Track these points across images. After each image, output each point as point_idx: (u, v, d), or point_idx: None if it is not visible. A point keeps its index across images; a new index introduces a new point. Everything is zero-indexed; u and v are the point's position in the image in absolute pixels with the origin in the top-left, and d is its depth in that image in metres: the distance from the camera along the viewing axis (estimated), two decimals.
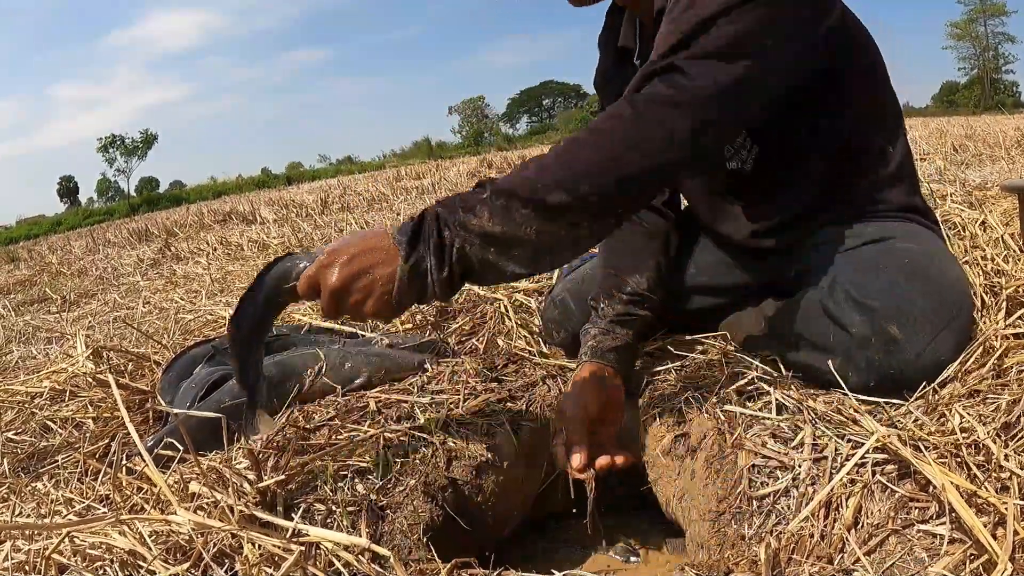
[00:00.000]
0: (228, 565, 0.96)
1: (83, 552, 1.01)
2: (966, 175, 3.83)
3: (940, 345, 1.15)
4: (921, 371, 1.14)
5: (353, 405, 1.53)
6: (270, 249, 4.63)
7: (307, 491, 1.23)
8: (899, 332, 1.14)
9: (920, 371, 1.14)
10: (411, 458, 1.36)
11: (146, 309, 3.33)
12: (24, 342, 3.20)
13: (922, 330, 1.14)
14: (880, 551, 0.94)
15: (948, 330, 1.15)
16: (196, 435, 1.39)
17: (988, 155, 5.09)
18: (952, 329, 1.16)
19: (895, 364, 1.14)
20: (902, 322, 1.14)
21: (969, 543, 0.87)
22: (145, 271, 4.98)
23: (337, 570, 0.96)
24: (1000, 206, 2.03)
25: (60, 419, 1.77)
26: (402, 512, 1.25)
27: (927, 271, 1.19)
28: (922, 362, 1.14)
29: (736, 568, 1.01)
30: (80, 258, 7.41)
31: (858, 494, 1.01)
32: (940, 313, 1.15)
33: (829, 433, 1.13)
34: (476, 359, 1.72)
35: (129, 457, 1.46)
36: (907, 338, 1.14)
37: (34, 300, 4.70)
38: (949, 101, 52.03)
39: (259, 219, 7.44)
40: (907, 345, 1.14)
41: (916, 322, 1.14)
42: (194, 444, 1.09)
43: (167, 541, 1.02)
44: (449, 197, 1.08)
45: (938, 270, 1.21)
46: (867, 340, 1.16)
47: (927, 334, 1.14)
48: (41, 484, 1.41)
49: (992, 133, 6.71)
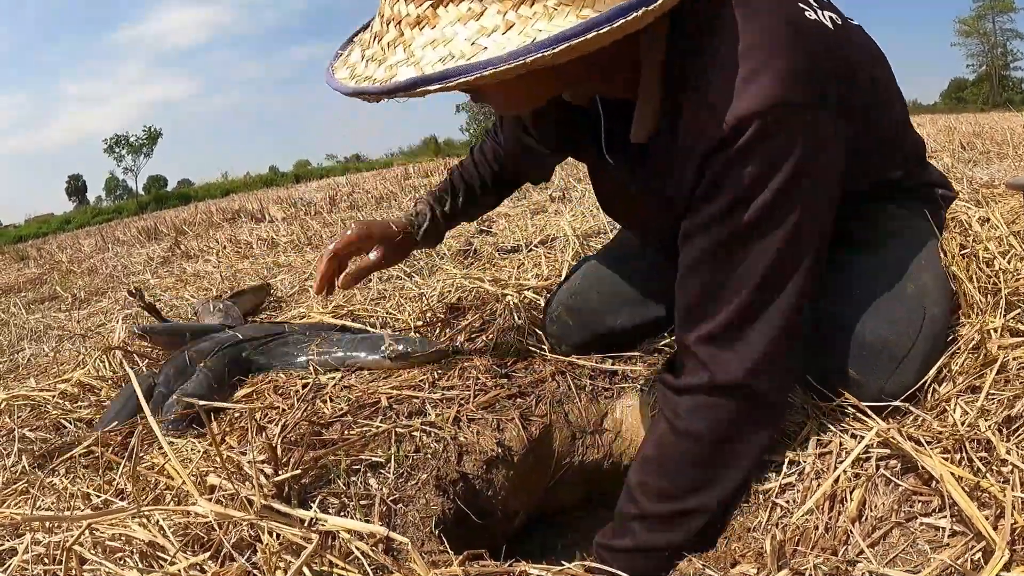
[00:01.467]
0: (247, 556, 0.98)
1: (103, 544, 1.04)
2: (973, 173, 3.83)
3: (901, 376, 1.14)
4: (892, 396, 1.14)
5: (365, 401, 1.55)
6: (279, 247, 4.65)
7: (321, 485, 1.26)
8: (857, 374, 1.14)
9: (892, 396, 1.14)
10: (422, 453, 1.38)
11: (158, 307, 3.35)
12: (35, 340, 3.23)
13: (878, 370, 1.14)
14: (883, 543, 0.96)
15: (906, 362, 1.14)
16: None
17: (996, 152, 5.08)
18: (909, 362, 1.14)
19: (864, 398, 1.14)
20: (858, 365, 1.14)
21: (970, 535, 0.89)
22: (155, 269, 5.00)
23: (354, 559, 0.98)
24: (1007, 204, 2.04)
25: (74, 419, 1.80)
26: (414, 505, 1.27)
27: (885, 291, 1.17)
28: (889, 392, 1.14)
29: (742, 560, 1.03)
30: (90, 256, 7.44)
31: (862, 487, 1.03)
32: (896, 345, 1.14)
33: (833, 428, 1.15)
34: (486, 355, 1.74)
35: (147, 450, 1.48)
36: (866, 379, 1.14)
37: (44, 298, 4.73)
38: (957, 98, 51.82)
39: (268, 217, 7.45)
40: (867, 386, 1.14)
41: (872, 363, 1.14)
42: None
43: (186, 532, 1.05)
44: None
45: (896, 293, 1.18)
46: (839, 379, 1.17)
47: (884, 372, 1.14)
48: (58, 479, 1.43)
49: (1000, 130, 6.69)
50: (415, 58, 0.87)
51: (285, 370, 1.80)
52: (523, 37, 0.82)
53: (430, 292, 2.32)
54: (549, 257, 2.57)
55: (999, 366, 1.14)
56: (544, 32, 0.81)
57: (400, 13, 0.90)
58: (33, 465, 1.56)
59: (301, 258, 3.94)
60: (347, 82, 0.94)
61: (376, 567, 0.98)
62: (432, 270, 2.84)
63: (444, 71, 0.82)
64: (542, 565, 1.04)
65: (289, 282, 3.20)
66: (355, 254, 1.62)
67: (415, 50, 0.87)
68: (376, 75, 0.90)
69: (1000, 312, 1.23)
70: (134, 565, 0.99)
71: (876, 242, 1.25)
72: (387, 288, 2.59)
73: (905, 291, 1.18)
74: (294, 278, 3.30)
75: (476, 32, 0.84)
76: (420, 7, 0.87)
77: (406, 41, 0.89)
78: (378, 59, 0.92)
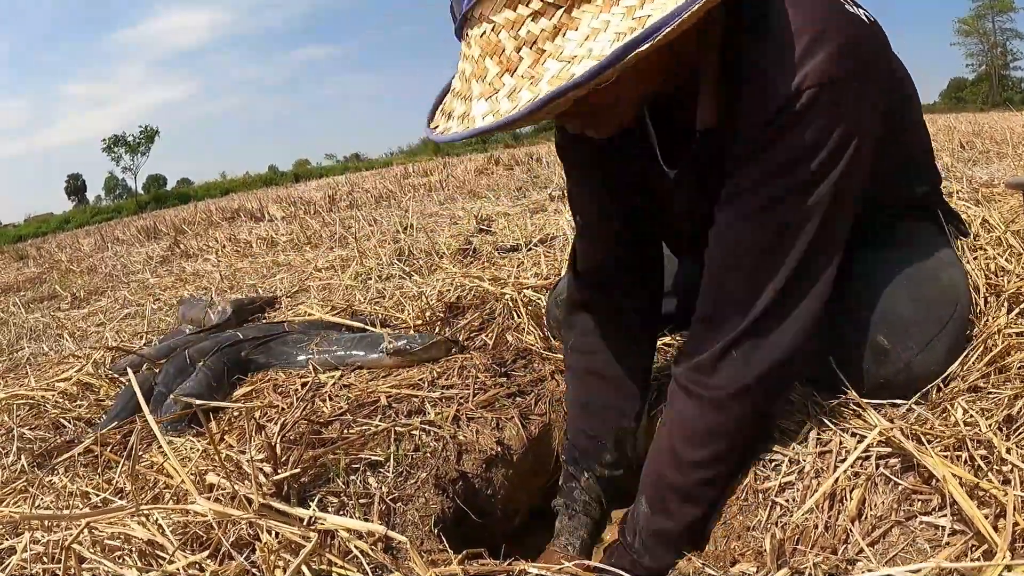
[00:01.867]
0: (246, 554, 0.98)
1: (102, 543, 1.03)
2: (973, 172, 3.82)
3: (929, 355, 1.15)
4: (912, 380, 1.15)
5: (364, 400, 1.55)
6: (279, 246, 4.65)
7: (320, 484, 1.25)
8: (887, 342, 1.14)
9: (911, 380, 1.15)
10: (422, 451, 1.38)
11: (156, 306, 3.35)
12: (35, 339, 3.23)
13: (911, 340, 1.14)
14: (883, 542, 0.96)
15: (937, 339, 1.15)
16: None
17: (996, 152, 5.08)
18: (942, 338, 1.16)
19: (884, 374, 1.15)
20: (890, 332, 1.14)
21: (970, 534, 0.89)
22: (155, 268, 5.00)
23: (353, 558, 0.98)
24: (1006, 203, 2.04)
25: (73, 419, 1.80)
26: (413, 504, 1.27)
27: (918, 278, 1.19)
28: (912, 372, 1.15)
29: (742, 558, 1.03)
30: (89, 255, 7.44)
31: (862, 487, 1.03)
32: (929, 322, 1.16)
33: (833, 428, 1.15)
34: (485, 354, 1.73)
35: (146, 448, 1.48)
36: (895, 348, 1.14)
37: (44, 297, 4.73)
38: (957, 98, 51.76)
39: (267, 216, 7.46)
40: (896, 355, 1.14)
41: (904, 332, 1.14)
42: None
43: (185, 531, 1.05)
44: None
45: (930, 275, 1.21)
46: (858, 349, 1.17)
47: (916, 344, 1.14)
48: (57, 478, 1.43)
49: (1000, 130, 6.69)
50: (581, 52, 0.85)
51: (284, 369, 1.80)
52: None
53: (429, 291, 2.32)
54: (548, 256, 2.57)
55: (1000, 366, 1.14)
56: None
57: (531, 34, 0.88)
58: (32, 464, 1.56)
59: (300, 257, 3.94)
60: (514, 111, 0.87)
61: (375, 566, 0.98)
62: (431, 269, 2.84)
63: (632, 39, 0.81)
64: (541, 564, 1.04)
65: (288, 281, 3.20)
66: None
67: (571, 50, 0.86)
68: (543, 88, 0.86)
69: (1001, 311, 1.23)
70: (133, 564, 0.99)
71: (907, 241, 1.27)
72: (386, 287, 2.59)
73: (940, 279, 1.21)
74: (293, 277, 3.30)
75: (629, 9, 0.85)
76: (553, 18, 0.86)
77: (554, 51, 0.87)
78: (529, 77, 0.88)
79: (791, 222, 1.01)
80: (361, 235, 4.23)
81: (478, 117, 0.90)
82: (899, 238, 1.28)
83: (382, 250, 3.31)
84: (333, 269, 3.28)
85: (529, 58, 0.87)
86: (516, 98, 0.87)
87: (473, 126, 0.90)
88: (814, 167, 0.98)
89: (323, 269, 3.35)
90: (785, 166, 0.99)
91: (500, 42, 0.89)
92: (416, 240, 3.56)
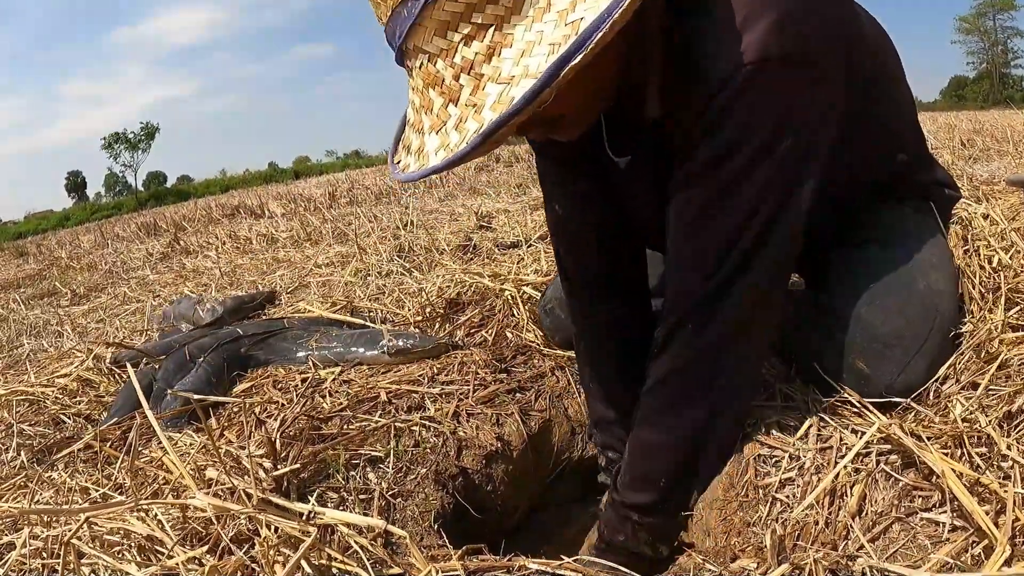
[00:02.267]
0: (246, 549, 0.98)
1: (101, 538, 1.03)
2: (974, 170, 3.82)
3: (910, 374, 1.14)
4: (898, 394, 1.14)
5: (364, 396, 1.55)
6: (279, 243, 4.65)
7: (320, 479, 1.25)
8: (866, 367, 1.14)
9: (897, 394, 1.14)
10: (422, 447, 1.38)
11: (156, 303, 3.35)
12: (35, 335, 3.22)
13: (889, 363, 1.13)
14: (884, 538, 0.96)
15: (918, 357, 1.14)
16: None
17: (996, 150, 5.07)
18: (922, 355, 1.14)
19: (868, 393, 1.14)
20: (868, 357, 1.14)
21: (971, 530, 0.89)
22: (154, 265, 4.99)
23: (353, 553, 0.98)
24: (1007, 200, 2.04)
25: (72, 414, 1.80)
26: (413, 500, 1.27)
27: (896, 288, 1.17)
28: (896, 389, 1.14)
29: (742, 554, 1.03)
30: (89, 252, 7.43)
31: (862, 483, 1.03)
32: (908, 339, 1.14)
33: (833, 423, 1.14)
34: (485, 350, 1.73)
35: (146, 444, 1.48)
36: (874, 373, 1.14)
37: (43, 294, 4.73)
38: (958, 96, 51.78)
39: (267, 213, 7.46)
40: (876, 379, 1.14)
41: (882, 356, 1.13)
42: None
43: (184, 526, 1.05)
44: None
45: (908, 283, 1.17)
46: (839, 372, 1.16)
47: (895, 365, 1.13)
48: (57, 474, 1.43)
49: (1000, 128, 6.68)
50: (518, 71, 0.83)
51: (284, 365, 1.79)
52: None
53: (429, 287, 2.32)
54: (548, 253, 2.57)
55: (1000, 362, 1.14)
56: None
57: (465, 59, 0.86)
58: (32, 460, 1.56)
59: (300, 254, 3.94)
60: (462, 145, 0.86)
61: (375, 561, 0.98)
62: (432, 265, 2.84)
63: (565, 51, 0.79)
64: (541, 560, 1.03)
65: (289, 277, 3.20)
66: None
67: (508, 70, 0.83)
68: (485, 117, 0.84)
69: (1001, 309, 1.23)
70: (132, 559, 0.99)
71: (886, 240, 1.24)
72: (387, 283, 2.59)
73: (917, 288, 1.17)
74: (293, 273, 3.30)
75: (561, 14, 0.82)
76: (485, 39, 0.84)
77: (492, 74, 0.84)
78: (471, 104, 0.86)
79: (741, 206, 0.99)
80: (361, 232, 4.23)
81: (431, 153, 0.90)
82: (877, 235, 1.25)
83: (382, 247, 3.31)
84: (333, 266, 3.28)
85: (469, 85, 0.86)
86: (463, 129, 0.86)
87: (427, 164, 0.89)
88: (756, 149, 0.96)
89: (323, 266, 3.35)
90: (729, 151, 0.97)
91: (439, 72, 0.88)
92: (416, 237, 3.55)
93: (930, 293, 1.17)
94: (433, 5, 0.84)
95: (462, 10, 0.84)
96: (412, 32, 0.87)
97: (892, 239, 1.24)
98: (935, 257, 1.24)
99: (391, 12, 0.89)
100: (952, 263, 1.28)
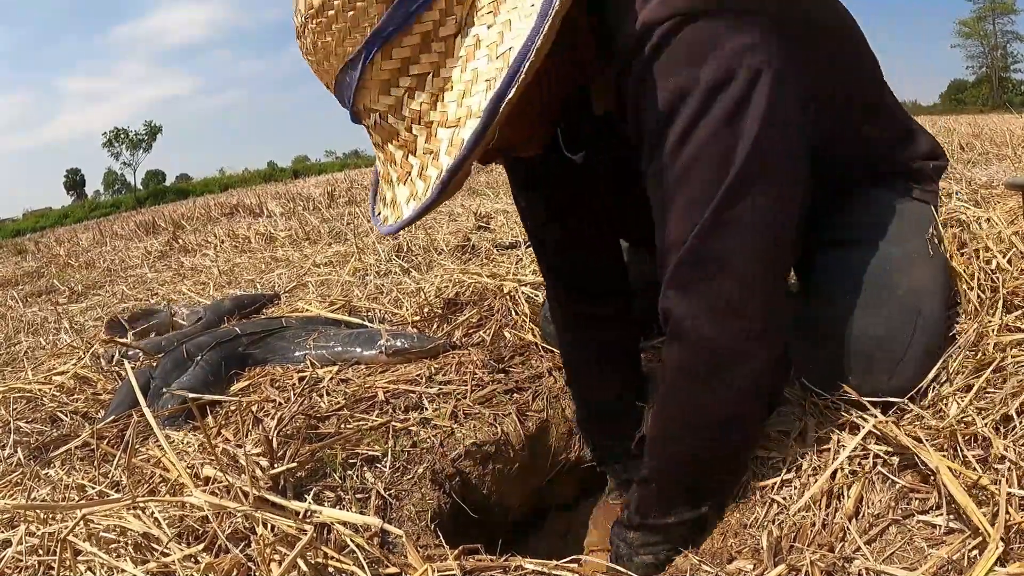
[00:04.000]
0: (242, 547, 0.98)
1: (97, 535, 1.03)
2: (973, 173, 3.83)
3: (899, 379, 1.14)
4: (890, 395, 1.13)
5: (362, 395, 1.55)
6: (277, 242, 4.65)
7: (317, 478, 1.25)
8: (854, 380, 1.13)
9: (889, 396, 1.13)
10: (419, 447, 1.38)
11: (154, 301, 3.35)
12: (32, 333, 3.22)
13: (877, 371, 1.13)
14: (880, 540, 0.96)
15: (905, 360, 1.13)
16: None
17: (995, 154, 5.07)
18: (909, 360, 1.14)
19: (862, 394, 1.13)
20: (855, 367, 1.13)
21: (967, 532, 0.89)
22: (153, 263, 4.99)
23: (349, 551, 0.98)
24: (1006, 204, 2.04)
25: (70, 412, 1.80)
26: (410, 499, 1.27)
27: (877, 291, 1.15)
28: (887, 393, 1.13)
29: (739, 556, 1.03)
30: (87, 250, 7.42)
31: (859, 484, 1.03)
32: (893, 345, 1.13)
33: (830, 425, 1.14)
34: (483, 350, 1.73)
35: (143, 442, 1.48)
36: (863, 383, 1.13)
37: (41, 291, 4.72)
38: (957, 99, 51.82)
39: (266, 212, 7.44)
40: (866, 388, 1.13)
41: (867, 367, 1.13)
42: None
43: (181, 524, 1.05)
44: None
45: (889, 286, 1.15)
46: (828, 381, 1.16)
47: (883, 374, 1.13)
48: (54, 471, 1.43)
49: (999, 132, 6.67)
50: (463, 112, 0.84)
51: (282, 364, 1.79)
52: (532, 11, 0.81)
53: (428, 287, 2.32)
54: None
55: (996, 365, 1.14)
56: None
57: (413, 111, 0.88)
58: (28, 457, 1.56)
59: (299, 253, 3.94)
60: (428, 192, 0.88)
61: (371, 560, 0.98)
62: (430, 265, 2.84)
63: (498, 89, 0.80)
64: (537, 560, 1.04)
65: (287, 277, 3.20)
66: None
67: (454, 113, 0.85)
68: (443, 162, 0.86)
69: (998, 311, 1.23)
70: (128, 556, 0.99)
71: (864, 238, 1.21)
72: (385, 283, 2.59)
73: (897, 290, 1.16)
74: (292, 273, 3.30)
75: (491, 47, 0.83)
76: (426, 87, 0.86)
77: (440, 119, 0.86)
78: (429, 152, 0.88)
79: (709, 150, 0.93)
80: (360, 231, 4.23)
81: (403, 204, 0.92)
82: (855, 234, 1.22)
83: (380, 246, 3.30)
84: (331, 265, 3.28)
85: (422, 134, 0.89)
86: (426, 176, 0.89)
87: (402, 216, 0.92)
88: (701, 93, 0.90)
89: (321, 265, 3.34)
90: (672, 107, 0.92)
91: (392, 125, 0.91)
92: (415, 237, 3.55)
93: (911, 294, 1.16)
94: (371, 67, 0.87)
95: (398, 65, 0.87)
96: (358, 95, 0.91)
97: (875, 238, 1.21)
98: (918, 252, 1.21)
99: (335, 81, 0.92)
100: (939, 253, 1.25)
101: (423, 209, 0.87)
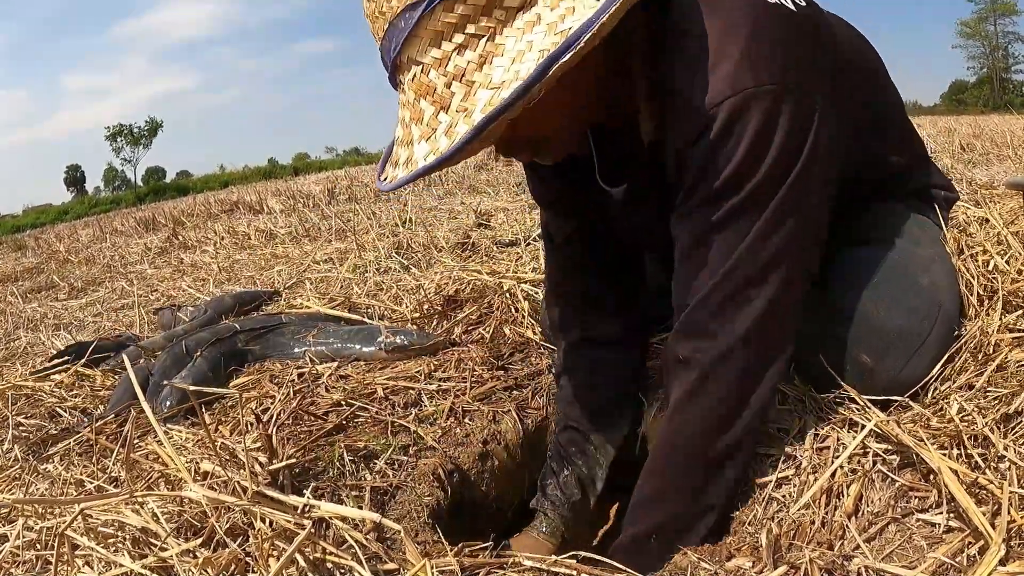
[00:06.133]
0: (240, 542, 0.97)
1: (95, 530, 1.03)
2: (973, 174, 3.83)
3: (913, 368, 1.14)
4: (900, 389, 1.14)
5: (361, 391, 1.55)
6: (277, 239, 4.64)
7: (315, 474, 1.25)
8: (870, 360, 1.13)
9: (899, 389, 1.14)
10: (417, 444, 1.38)
11: (154, 297, 3.35)
12: (32, 329, 3.22)
13: (893, 356, 1.13)
14: (880, 538, 0.96)
15: (921, 351, 1.14)
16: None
17: (996, 154, 5.07)
18: (926, 349, 1.15)
19: (871, 388, 1.14)
20: (871, 350, 1.14)
21: (967, 531, 0.89)
22: (153, 259, 4.99)
23: (348, 546, 0.98)
24: (1006, 204, 2.03)
25: (68, 408, 1.79)
26: (409, 495, 1.27)
27: (898, 282, 1.17)
28: (899, 383, 1.14)
29: (738, 553, 1.03)
30: (87, 246, 7.41)
31: (858, 483, 1.03)
32: (911, 334, 1.14)
33: (830, 423, 1.14)
34: (482, 347, 1.73)
35: (142, 437, 1.48)
36: (878, 367, 1.14)
37: (41, 287, 4.72)
38: (958, 100, 51.73)
39: (266, 209, 7.44)
40: (880, 372, 1.14)
41: (885, 350, 1.13)
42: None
43: (179, 518, 1.04)
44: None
45: (910, 278, 1.18)
46: (842, 365, 1.16)
47: (900, 359, 1.14)
48: (52, 466, 1.42)
49: (1000, 132, 6.68)
50: (508, 76, 0.86)
51: (281, 360, 1.79)
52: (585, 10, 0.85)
53: (428, 284, 2.32)
54: None
55: (997, 364, 1.14)
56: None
57: (458, 67, 0.88)
58: (27, 453, 1.55)
59: (299, 250, 3.93)
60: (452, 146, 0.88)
61: (369, 555, 0.98)
62: (430, 262, 2.84)
63: (554, 52, 0.82)
64: (535, 556, 1.03)
65: (287, 273, 3.20)
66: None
67: (499, 77, 0.86)
68: (476, 119, 0.86)
69: (998, 312, 1.23)
70: (126, 550, 0.99)
71: (887, 238, 1.25)
72: (385, 280, 2.59)
73: (920, 283, 1.18)
74: (291, 269, 3.30)
75: (551, 25, 0.85)
76: (477, 48, 0.87)
77: (483, 81, 0.87)
78: (462, 110, 0.88)
79: (747, 238, 1.00)
80: (360, 228, 4.22)
81: (420, 159, 0.92)
82: (877, 234, 1.26)
83: (381, 243, 3.30)
84: (331, 262, 3.28)
85: (460, 92, 0.89)
86: (453, 133, 0.88)
87: (415, 168, 0.91)
88: (759, 178, 0.97)
89: (321, 262, 3.34)
90: (724, 185, 0.98)
91: (431, 81, 0.91)
92: (415, 234, 3.55)
93: (932, 288, 1.19)
94: (429, 16, 0.88)
95: (456, 20, 0.87)
96: (407, 43, 0.91)
97: (893, 237, 1.25)
98: (936, 254, 1.25)
99: (388, 25, 0.92)
100: (950, 261, 1.29)
101: (446, 157, 0.87)
